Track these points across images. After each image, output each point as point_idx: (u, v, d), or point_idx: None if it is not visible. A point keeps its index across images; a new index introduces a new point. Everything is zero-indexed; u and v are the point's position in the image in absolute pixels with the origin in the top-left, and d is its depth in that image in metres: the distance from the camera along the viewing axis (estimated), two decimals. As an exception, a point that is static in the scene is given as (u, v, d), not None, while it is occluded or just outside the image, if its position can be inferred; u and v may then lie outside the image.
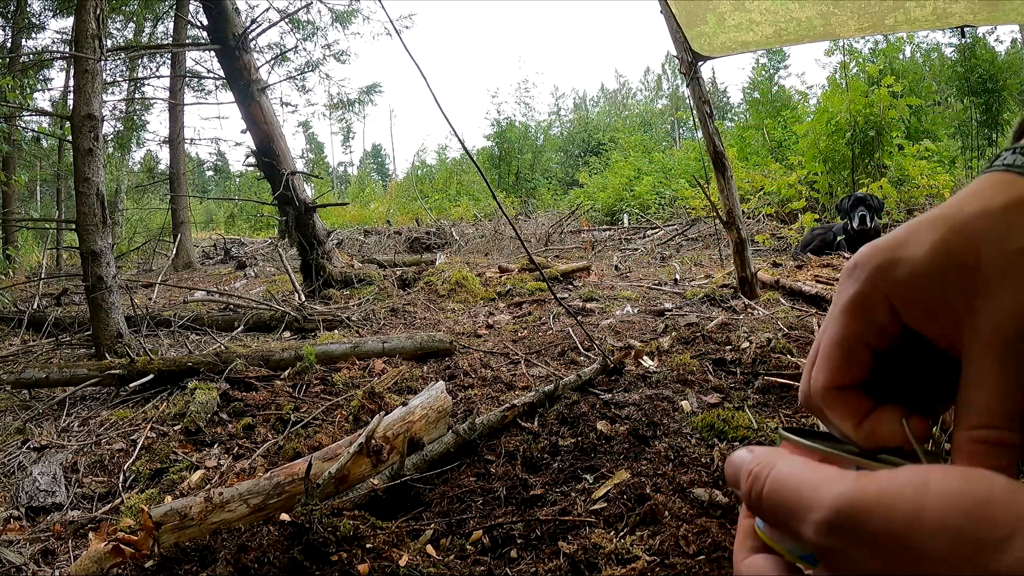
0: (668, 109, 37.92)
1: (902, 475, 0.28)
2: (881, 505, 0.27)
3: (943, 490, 0.26)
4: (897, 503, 0.26)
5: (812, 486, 0.29)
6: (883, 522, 0.26)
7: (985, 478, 0.27)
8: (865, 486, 0.28)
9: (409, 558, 1.32)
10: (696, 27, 3.07)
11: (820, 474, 0.30)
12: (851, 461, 0.33)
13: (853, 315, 0.35)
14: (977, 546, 0.25)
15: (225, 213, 26.11)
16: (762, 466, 0.32)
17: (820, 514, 0.28)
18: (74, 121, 3.39)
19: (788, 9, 2.74)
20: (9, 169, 10.59)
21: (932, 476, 0.27)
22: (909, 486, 0.27)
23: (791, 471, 0.31)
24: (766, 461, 0.33)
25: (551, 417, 2.10)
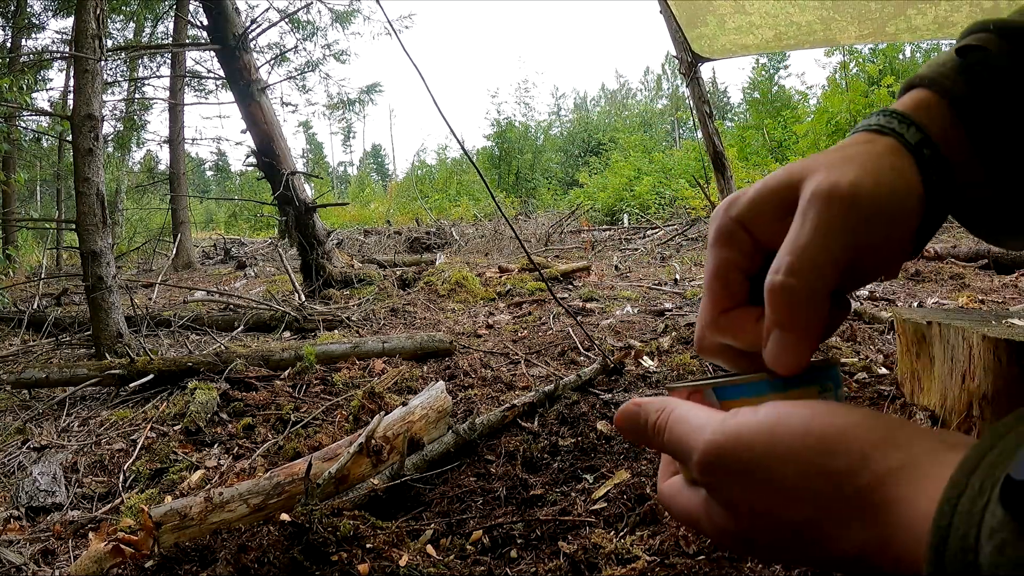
0: (668, 109, 37.93)
1: (760, 413, 0.31)
2: (741, 444, 0.30)
3: (791, 427, 0.29)
4: (754, 441, 0.30)
5: (693, 431, 0.33)
6: (745, 459, 0.30)
7: (828, 413, 0.30)
8: (728, 429, 0.31)
9: (409, 558, 1.32)
10: (696, 28, 3.07)
11: (699, 419, 0.34)
12: (706, 384, 0.36)
13: (717, 246, 0.40)
14: (830, 473, 0.28)
15: (225, 213, 26.10)
16: (663, 415, 0.36)
17: (696, 456, 0.32)
18: (74, 121, 3.39)
19: (788, 13, 2.74)
20: (9, 169, 10.58)
21: (783, 413, 0.30)
22: (764, 425, 0.30)
23: (679, 419, 0.35)
24: (666, 409, 0.36)
25: (551, 417, 2.10)
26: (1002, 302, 3.52)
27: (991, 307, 3.35)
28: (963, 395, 1.54)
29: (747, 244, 0.38)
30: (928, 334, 1.72)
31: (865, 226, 0.34)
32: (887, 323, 2.90)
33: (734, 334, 0.38)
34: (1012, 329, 1.51)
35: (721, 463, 0.31)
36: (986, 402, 1.46)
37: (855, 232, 0.33)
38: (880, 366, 2.32)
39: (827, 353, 1.68)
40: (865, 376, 2.22)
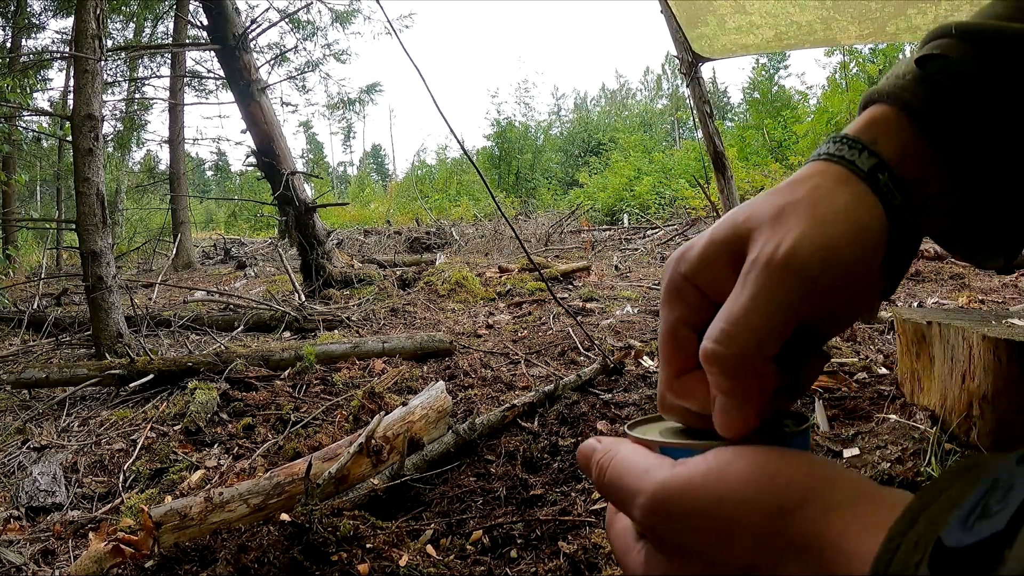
0: (668, 109, 37.93)
1: (709, 459, 0.31)
2: (691, 488, 0.30)
3: (739, 471, 0.30)
4: (705, 485, 0.30)
5: (639, 475, 0.33)
6: (692, 503, 0.30)
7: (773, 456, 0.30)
8: (678, 474, 0.31)
9: (409, 558, 1.32)
10: (696, 28, 3.07)
11: (646, 464, 0.33)
12: (656, 444, 0.36)
13: (668, 304, 0.38)
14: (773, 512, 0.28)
15: (225, 213, 26.10)
16: (607, 456, 0.36)
17: (642, 499, 0.32)
18: (74, 121, 3.39)
19: (788, 12, 2.74)
20: (9, 169, 10.58)
21: (732, 459, 0.30)
22: (713, 470, 0.30)
23: (626, 460, 0.34)
24: (611, 451, 0.36)
25: (551, 417, 2.10)
26: (1002, 302, 3.52)
27: (991, 307, 3.35)
28: (963, 395, 1.54)
29: (697, 301, 0.37)
30: (928, 334, 1.72)
31: (814, 286, 0.32)
32: (887, 323, 2.90)
33: (690, 398, 0.37)
34: (1012, 329, 1.51)
35: (670, 508, 0.31)
36: (986, 402, 1.46)
37: (801, 296, 0.32)
38: (880, 366, 2.32)
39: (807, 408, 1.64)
40: (865, 376, 2.22)
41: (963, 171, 0.37)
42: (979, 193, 0.38)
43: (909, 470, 1.47)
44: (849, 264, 0.33)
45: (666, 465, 0.32)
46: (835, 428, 1.83)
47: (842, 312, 0.35)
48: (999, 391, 1.43)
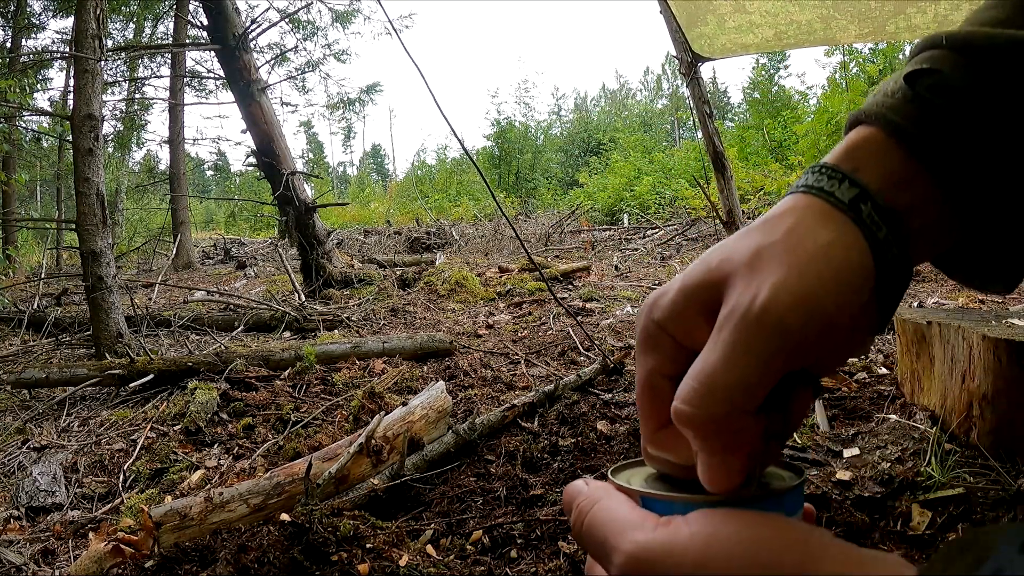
0: (668, 109, 37.93)
1: (694, 524, 0.29)
2: (671, 554, 0.28)
3: (728, 538, 0.27)
4: (687, 552, 0.28)
5: (618, 530, 0.30)
6: (672, 569, 0.28)
7: (772, 525, 0.28)
8: (660, 537, 0.29)
9: (409, 558, 1.32)
10: (696, 28, 3.07)
11: (629, 520, 0.31)
12: (638, 493, 0.33)
13: (643, 353, 0.36)
14: None
15: (225, 213, 26.10)
16: (587, 503, 0.33)
17: (618, 559, 0.29)
18: (74, 121, 3.39)
19: (788, 12, 2.74)
20: (9, 169, 10.58)
21: (718, 526, 0.28)
22: (698, 536, 0.28)
23: (607, 512, 0.32)
24: (592, 498, 0.33)
25: (551, 417, 2.10)
26: (1002, 302, 3.52)
27: (991, 307, 3.35)
28: (963, 395, 1.54)
29: (673, 350, 0.35)
30: (928, 334, 1.72)
31: (793, 339, 0.30)
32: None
33: (672, 450, 0.35)
34: (1012, 329, 1.51)
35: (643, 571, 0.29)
36: (986, 402, 1.46)
37: (779, 352, 0.30)
38: (880, 366, 2.32)
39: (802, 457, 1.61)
40: (865, 376, 2.22)
41: (961, 194, 0.34)
42: (979, 217, 0.35)
43: (909, 470, 1.47)
44: (832, 313, 0.31)
45: (648, 524, 0.30)
46: (835, 428, 1.83)
47: (829, 357, 0.33)
48: (999, 391, 1.44)
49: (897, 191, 0.34)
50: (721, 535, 0.28)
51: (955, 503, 1.31)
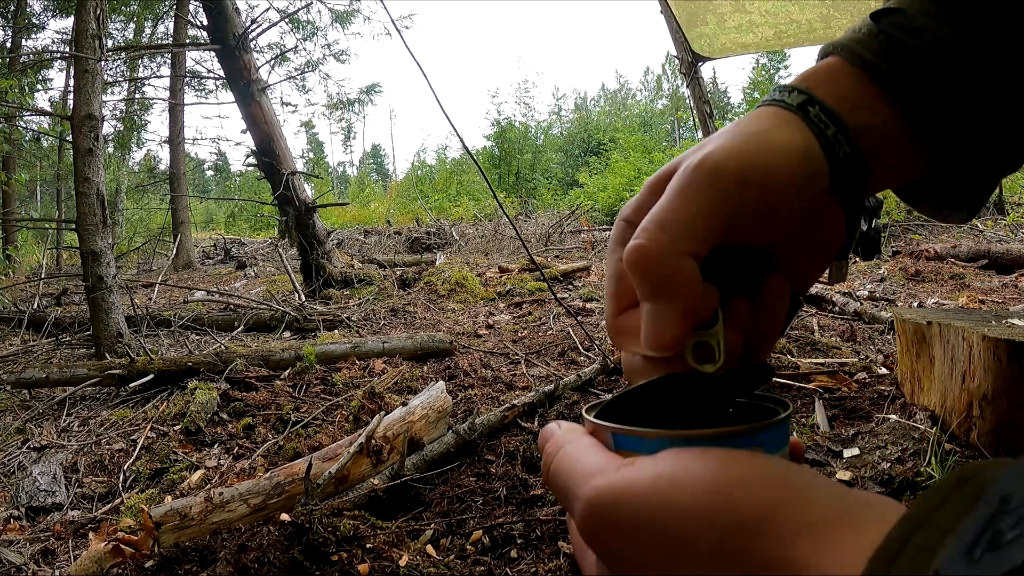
0: (668, 109, 37.92)
1: (660, 462, 0.27)
2: (632, 496, 0.26)
3: (695, 477, 0.26)
4: (649, 494, 0.26)
5: (580, 477, 0.29)
6: (634, 512, 0.26)
7: (743, 462, 0.26)
8: (618, 479, 0.27)
9: (409, 558, 1.32)
10: (696, 28, 3.07)
11: (591, 464, 0.30)
12: (608, 429, 0.32)
13: (613, 250, 0.37)
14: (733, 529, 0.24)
15: (225, 213, 26.10)
16: (553, 448, 0.32)
17: (579, 504, 0.28)
18: (74, 121, 3.39)
19: (788, 11, 2.74)
20: (9, 169, 10.59)
21: (686, 462, 0.26)
22: (663, 475, 0.26)
23: (570, 457, 0.31)
24: (558, 442, 0.32)
25: (551, 417, 2.10)
26: (1002, 302, 3.52)
27: (991, 307, 3.35)
28: (963, 395, 1.54)
29: None
30: (928, 334, 1.72)
31: (731, 188, 0.31)
32: (887, 323, 2.90)
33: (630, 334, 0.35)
34: (1012, 329, 1.51)
35: (608, 517, 0.27)
36: (986, 402, 1.46)
37: (719, 197, 0.31)
38: (880, 366, 2.32)
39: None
40: (865, 376, 2.22)
41: (923, 121, 0.36)
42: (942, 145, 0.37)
43: (909, 470, 1.47)
44: (774, 174, 0.32)
45: (610, 467, 0.29)
46: (835, 428, 1.83)
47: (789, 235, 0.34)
48: (999, 391, 1.44)
49: (851, 109, 0.35)
50: (687, 474, 0.26)
51: (955, 503, 1.30)
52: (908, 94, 0.36)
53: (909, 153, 0.37)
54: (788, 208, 0.33)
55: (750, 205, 0.32)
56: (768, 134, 0.34)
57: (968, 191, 0.40)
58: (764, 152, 0.33)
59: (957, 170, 0.39)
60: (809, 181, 0.33)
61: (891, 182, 0.39)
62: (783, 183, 0.32)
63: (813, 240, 0.36)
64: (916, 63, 0.36)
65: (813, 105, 0.35)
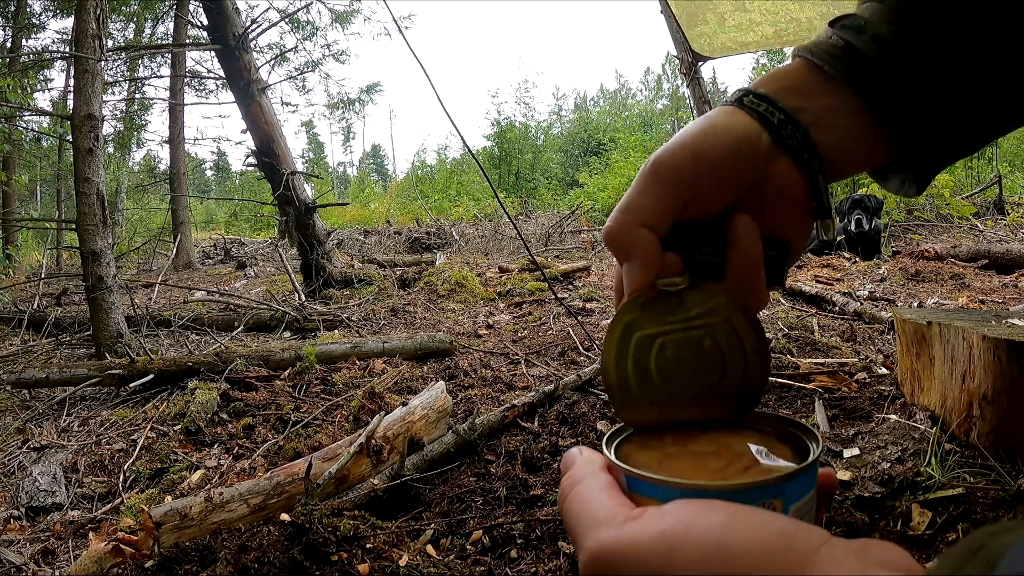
0: (668, 109, 37.88)
1: (666, 519, 0.27)
2: (636, 554, 0.27)
3: (701, 541, 0.26)
4: (652, 554, 0.26)
5: (587, 525, 0.30)
6: (631, 572, 0.26)
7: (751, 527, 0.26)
8: (624, 536, 0.28)
9: (409, 558, 1.32)
10: (696, 27, 3.07)
11: (600, 512, 0.30)
12: (623, 471, 0.33)
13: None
14: None
15: (225, 213, 26.09)
16: (568, 484, 0.34)
17: (584, 555, 0.29)
18: (74, 121, 3.39)
19: (788, 10, 2.74)
20: (9, 169, 10.59)
21: (693, 522, 0.26)
22: (667, 536, 0.26)
23: (581, 499, 0.32)
24: (574, 478, 0.34)
25: (551, 417, 2.10)
26: (1002, 302, 3.52)
27: (991, 307, 3.35)
28: (963, 395, 1.54)
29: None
30: (928, 334, 1.72)
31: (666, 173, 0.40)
32: (887, 323, 2.90)
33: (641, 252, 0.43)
34: (1012, 329, 1.51)
35: (606, 571, 0.27)
36: (986, 402, 1.46)
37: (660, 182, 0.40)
38: (880, 366, 2.31)
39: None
40: (865, 376, 2.22)
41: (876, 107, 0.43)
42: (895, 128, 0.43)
43: (909, 470, 1.47)
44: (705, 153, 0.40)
45: (617, 519, 0.29)
46: (835, 428, 1.82)
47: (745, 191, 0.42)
48: (999, 391, 1.43)
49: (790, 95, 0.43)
50: (690, 535, 0.26)
51: (955, 503, 1.31)
52: (853, 81, 0.42)
53: (863, 134, 0.44)
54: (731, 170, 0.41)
55: (687, 182, 0.40)
56: (706, 123, 0.42)
57: (922, 170, 0.46)
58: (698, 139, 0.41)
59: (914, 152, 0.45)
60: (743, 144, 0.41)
61: (855, 164, 0.46)
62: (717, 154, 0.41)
63: (774, 192, 0.43)
64: (856, 54, 0.43)
65: (747, 95, 0.43)
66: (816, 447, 0.34)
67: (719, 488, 0.30)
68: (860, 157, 0.45)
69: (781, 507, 0.30)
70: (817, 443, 0.35)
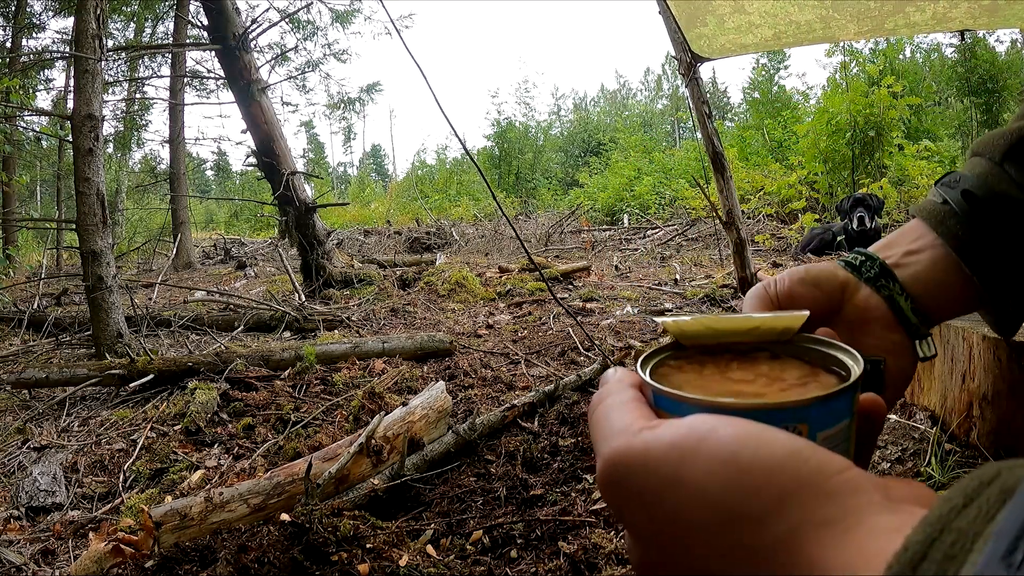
0: (668, 109, 37.90)
1: (683, 427, 0.26)
2: (646, 463, 0.26)
3: (711, 453, 0.25)
4: (664, 460, 0.25)
5: (607, 434, 0.29)
6: (641, 479, 0.26)
7: (763, 443, 0.24)
8: (637, 442, 0.27)
9: (409, 558, 1.32)
10: (695, 28, 3.07)
11: (620, 422, 0.29)
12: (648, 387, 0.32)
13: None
14: (736, 519, 0.23)
15: (226, 213, 26.08)
16: (598, 399, 0.34)
17: (599, 462, 0.28)
18: (74, 121, 3.39)
19: (787, 12, 2.74)
20: (10, 169, 10.58)
21: (707, 433, 0.25)
22: (678, 446, 0.25)
23: (606, 411, 0.31)
24: (603, 393, 0.34)
25: (551, 417, 2.10)
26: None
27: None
28: (963, 395, 1.54)
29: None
30: (928, 334, 1.72)
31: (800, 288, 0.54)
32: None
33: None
34: (1012, 329, 1.51)
35: (621, 480, 0.27)
36: (986, 402, 1.46)
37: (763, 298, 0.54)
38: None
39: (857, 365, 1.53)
40: (865, 376, 2.22)
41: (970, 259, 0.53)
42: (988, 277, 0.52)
43: (909, 470, 1.47)
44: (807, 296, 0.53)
45: (633, 427, 0.28)
46: (835, 428, 1.82)
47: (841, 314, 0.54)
48: (999, 391, 1.43)
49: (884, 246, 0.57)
50: (701, 449, 0.25)
51: (955, 503, 1.30)
52: (948, 234, 0.53)
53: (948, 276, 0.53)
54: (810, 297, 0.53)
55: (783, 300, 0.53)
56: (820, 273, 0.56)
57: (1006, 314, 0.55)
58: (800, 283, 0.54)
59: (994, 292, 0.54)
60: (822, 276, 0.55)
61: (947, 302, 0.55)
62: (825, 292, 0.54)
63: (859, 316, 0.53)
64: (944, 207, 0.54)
65: (854, 256, 0.57)
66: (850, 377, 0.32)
67: (742, 407, 0.28)
68: (950, 294, 0.53)
69: (807, 432, 0.29)
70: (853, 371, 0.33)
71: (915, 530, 0.19)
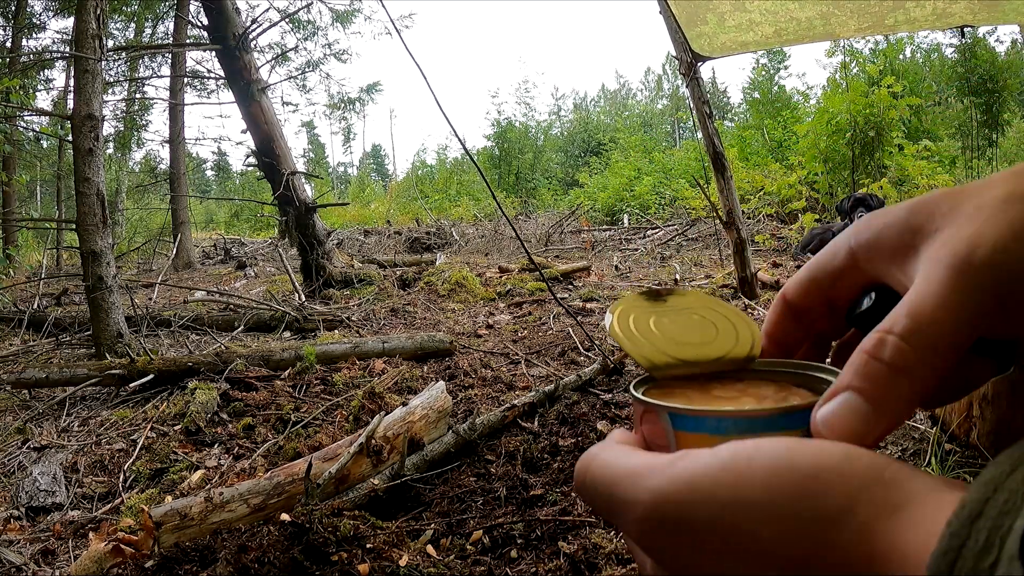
0: (668, 109, 37.92)
1: (724, 453, 0.25)
2: (698, 495, 0.24)
3: (767, 466, 0.24)
4: (716, 490, 0.24)
5: (628, 483, 0.27)
6: (703, 514, 0.24)
7: (814, 449, 0.24)
8: (679, 475, 0.25)
9: (409, 558, 1.32)
10: (696, 27, 3.07)
11: (636, 466, 0.27)
12: (664, 409, 0.30)
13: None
14: (809, 524, 0.22)
15: (226, 213, 26.08)
16: (586, 460, 0.30)
17: (638, 513, 0.26)
18: (74, 121, 3.39)
19: (788, 9, 2.74)
20: (10, 169, 10.58)
21: (750, 451, 0.25)
22: (728, 468, 0.24)
23: (607, 464, 0.29)
24: (590, 455, 0.30)
25: (551, 417, 2.10)
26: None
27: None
28: (963, 395, 1.54)
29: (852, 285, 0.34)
30: (928, 334, 1.72)
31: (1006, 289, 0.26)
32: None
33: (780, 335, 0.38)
34: (1012, 329, 1.51)
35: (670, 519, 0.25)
36: (986, 402, 1.46)
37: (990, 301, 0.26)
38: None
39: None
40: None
41: None
42: None
43: (909, 470, 1.47)
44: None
45: (659, 464, 0.26)
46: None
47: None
48: (999, 391, 1.43)
49: None
50: (759, 464, 0.24)
51: (955, 503, 1.30)
52: None
53: None
54: None
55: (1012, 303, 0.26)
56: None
57: None
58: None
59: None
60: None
61: None
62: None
63: None
64: None
65: None
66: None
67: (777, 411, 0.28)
68: None
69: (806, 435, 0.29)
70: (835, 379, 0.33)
71: (970, 491, 0.20)
